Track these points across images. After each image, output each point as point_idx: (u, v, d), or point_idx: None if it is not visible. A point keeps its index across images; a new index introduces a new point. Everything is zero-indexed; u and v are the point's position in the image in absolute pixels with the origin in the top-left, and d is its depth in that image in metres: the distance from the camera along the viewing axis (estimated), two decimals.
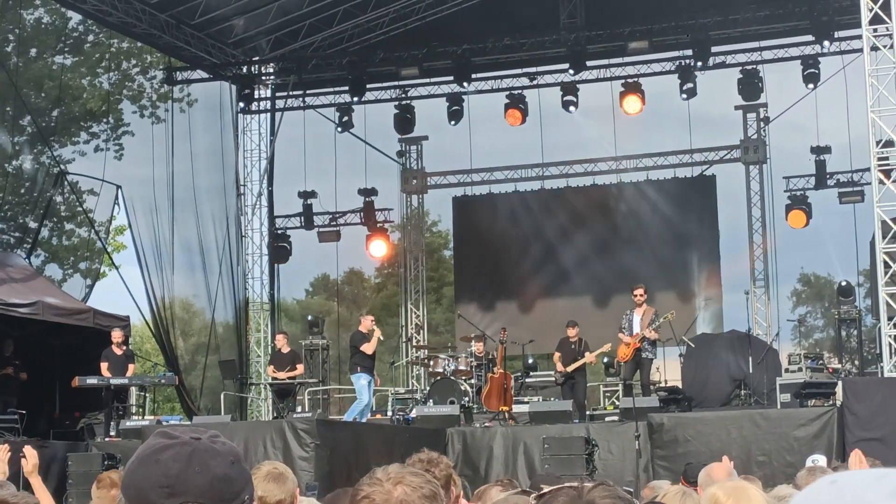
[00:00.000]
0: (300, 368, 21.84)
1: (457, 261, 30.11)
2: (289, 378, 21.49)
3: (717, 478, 6.30)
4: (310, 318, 27.13)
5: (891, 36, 18.39)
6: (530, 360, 24.57)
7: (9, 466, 7.31)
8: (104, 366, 20.10)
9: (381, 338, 19.79)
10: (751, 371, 20.75)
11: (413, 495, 2.83)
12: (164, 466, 2.21)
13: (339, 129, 27.60)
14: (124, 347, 20.75)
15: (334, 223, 28.62)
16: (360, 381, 19.64)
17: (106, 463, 16.31)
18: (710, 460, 6.98)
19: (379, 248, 28.64)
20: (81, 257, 28.13)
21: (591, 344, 20.91)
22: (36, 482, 7.05)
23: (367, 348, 19.68)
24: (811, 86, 25.17)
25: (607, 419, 20.11)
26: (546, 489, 2.34)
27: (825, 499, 1.60)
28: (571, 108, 26.34)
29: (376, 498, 2.82)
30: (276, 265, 28.25)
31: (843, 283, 23.85)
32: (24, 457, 7.06)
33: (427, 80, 27.27)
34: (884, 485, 1.57)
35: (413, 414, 20.26)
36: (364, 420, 19.67)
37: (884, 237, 17.92)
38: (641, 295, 19.75)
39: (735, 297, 26.78)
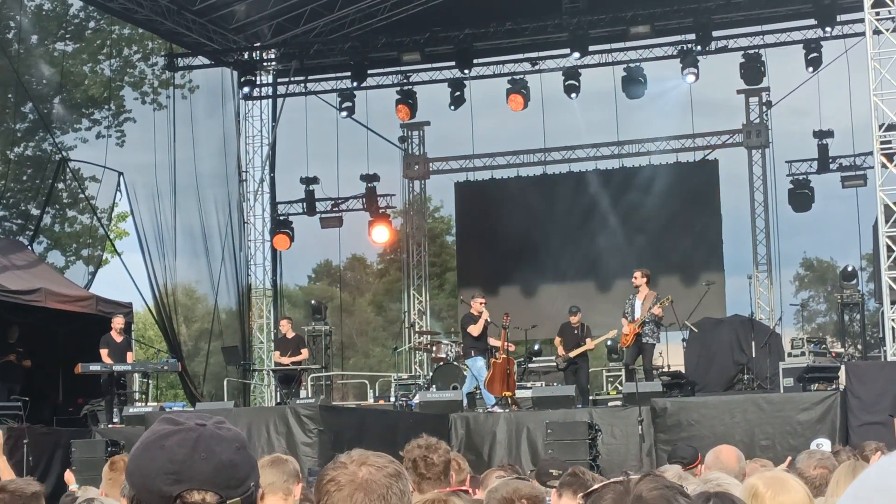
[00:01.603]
0: (304, 353, 21.87)
1: (459, 246, 30.08)
2: (293, 363, 21.50)
3: (726, 461, 6.29)
4: (313, 303, 27.10)
5: (893, 19, 18.36)
6: (536, 346, 24.55)
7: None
8: (104, 352, 20.10)
9: (489, 319, 19.72)
10: (754, 355, 20.73)
11: (378, 475, 2.88)
12: (169, 452, 2.21)
13: (343, 114, 27.55)
14: (125, 335, 20.76)
15: (336, 209, 28.60)
16: (477, 363, 19.68)
17: (109, 449, 16.34)
18: (714, 445, 6.96)
19: (381, 234, 28.63)
20: (84, 244, 28.11)
21: (594, 329, 20.93)
22: (1, 464, 7.17)
23: (473, 330, 19.61)
24: (813, 69, 25.11)
25: (610, 404, 20.15)
26: (552, 477, 2.33)
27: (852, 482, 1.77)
28: (573, 94, 26.26)
29: (342, 479, 2.88)
30: (278, 251, 28.21)
31: (849, 269, 23.76)
32: None
33: (429, 66, 27.23)
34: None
35: (416, 399, 20.27)
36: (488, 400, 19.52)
37: (886, 221, 17.91)
38: (638, 278, 19.65)
39: (738, 281, 26.82)
